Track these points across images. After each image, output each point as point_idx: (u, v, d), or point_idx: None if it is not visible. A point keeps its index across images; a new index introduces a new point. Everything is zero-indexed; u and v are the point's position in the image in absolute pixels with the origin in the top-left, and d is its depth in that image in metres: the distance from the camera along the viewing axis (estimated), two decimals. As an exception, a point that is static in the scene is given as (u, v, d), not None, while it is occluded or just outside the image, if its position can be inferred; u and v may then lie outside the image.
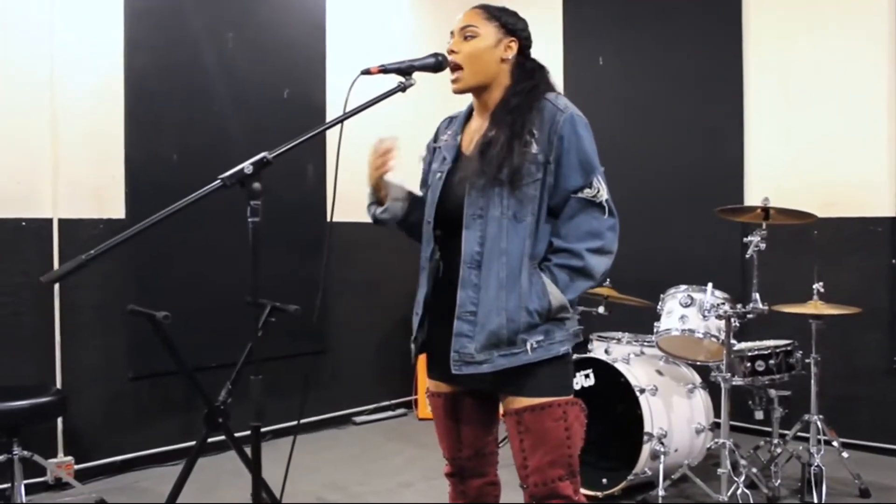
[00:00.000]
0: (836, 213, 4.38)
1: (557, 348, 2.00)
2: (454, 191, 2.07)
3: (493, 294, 1.98)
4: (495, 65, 2.10)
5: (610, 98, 5.34)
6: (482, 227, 2.00)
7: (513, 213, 1.99)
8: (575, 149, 2.00)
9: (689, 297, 3.62)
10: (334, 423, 5.02)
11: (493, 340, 1.97)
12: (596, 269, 2.01)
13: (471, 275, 2.00)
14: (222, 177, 1.68)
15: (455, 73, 2.09)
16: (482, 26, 2.10)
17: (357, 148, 5.30)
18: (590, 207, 2.00)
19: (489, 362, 1.98)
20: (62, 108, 3.83)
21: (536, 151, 2.00)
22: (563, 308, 1.99)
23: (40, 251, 3.75)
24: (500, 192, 1.99)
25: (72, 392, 3.82)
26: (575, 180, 2.00)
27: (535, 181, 2.00)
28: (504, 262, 1.98)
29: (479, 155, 2.03)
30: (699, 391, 3.79)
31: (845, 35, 4.38)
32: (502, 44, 2.10)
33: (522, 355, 1.97)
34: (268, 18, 4.63)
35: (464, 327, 2.00)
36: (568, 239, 2.00)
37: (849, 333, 4.17)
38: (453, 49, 2.10)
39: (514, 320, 1.96)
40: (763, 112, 4.70)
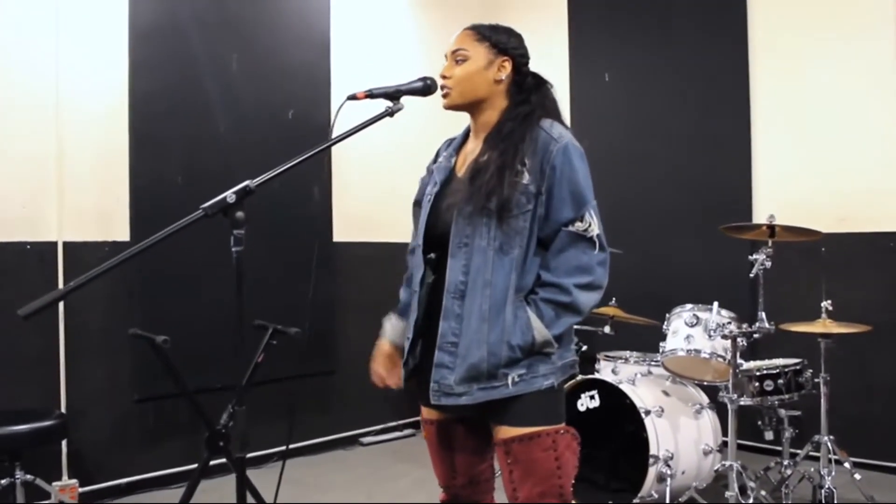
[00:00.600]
0: (847, 229, 4.32)
1: (541, 382, 1.95)
2: (442, 216, 2.04)
3: (475, 326, 1.94)
4: (488, 86, 2.07)
5: (616, 114, 5.32)
6: (467, 256, 1.97)
7: (499, 244, 1.95)
8: (567, 180, 1.96)
9: (695, 317, 3.57)
10: (341, 443, 5.00)
11: (473, 373, 1.94)
12: (584, 304, 1.96)
13: (454, 305, 1.97)
14: (204, 206, 1.68)
15: (443, 90, 2.07)
16: (473, 48, 2.07)
17: (362, 167, 5.32)
18: (580, 241, 1.96)
19: (468, 395, 1.95)
20: (67, 131, 3.86)
21: (528, 182, 1.95)
22: (548, 343, 1.94)
23: (45, 274, 3.76)
24: (487, 223, 1.95)
25: (76, 414, 3.83)
26: (566, 213, 1.95)
27: (526, 212, 1.96)
28: (488, 294, 1.94)
29: (469, 181, 2.00)
30: (707, 412, 3.74)
31: (853, 48, 4.33)
32: (494, 64, 2.07)
33: (503, 389, 1.94)
34: (272, 39, 4.65)
35: (444, 358, 1.98)
36: (556, 273, 1.95)
37: (861, 351, 4.09)
38: (445, 74, 2.08)
39: (496, 354, 1.93)
40: (771, 127, 4.65)
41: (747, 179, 4.69)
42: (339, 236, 4.94)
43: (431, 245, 2.07)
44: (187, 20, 4.25)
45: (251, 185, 1.72)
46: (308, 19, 4.85)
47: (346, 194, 4.99)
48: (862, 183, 4.32)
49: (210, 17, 4.35)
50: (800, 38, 4.54)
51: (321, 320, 4.86)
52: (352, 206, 5.01)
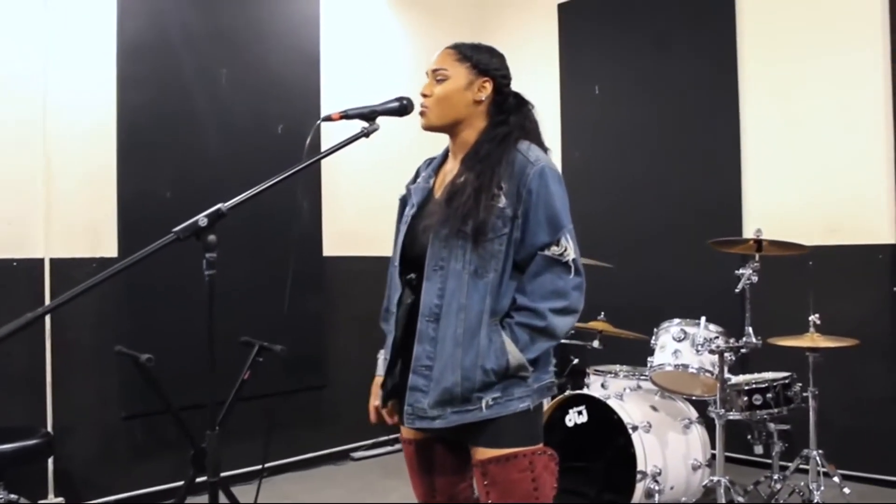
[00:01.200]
0: (837, 241, 4.32)
1: (516, 405, 1.94)
2: (419, 238, 2.03)
3: (449, 350, 1.93)
4: (467, 107, 2.05)
5: (606, 127, 5.32)
6: (442, 279, 1.96)
7: (474, 268, 1.94)
8: (544, 204, 1.95)
9: (683, 332, 3.57)
10: (332, 458, 4.97)
11: (447, 397, 1.93)
12: (559, 329, 1.96)
13: (428, 328, 1.96)
14: (176, 230, 1.67)
15: (422, 110, 2.06)
16: (453, 68, 2.05)
17: (352, 181, 5.31)
18: (555, 266, 1.95)
19: (442, 418, 1.95)
20: (54, 147, 3.85)
21: (504, 205, 1.94)
22: (522, 367, 1.93)
23: (32, 291, 3.75)
24: (462, 245, 1.95)
25: (63, 432, 3.81)
26: (542, 237, 1.95)
27: (501, 235, 1.95)
28: (462, 318, 1.93)
29: (445, 203, 1.99)
30: (695, 426, 3.72)
31: (842, 61, 4.34)
32: (475, 85, 2.06)
33: (476, 412, 1.93)
34: (261, 54, 4.65)
35: (418, 381, 1.97)
36: (532, 297, 1.95)
37: (851, 364, 4.07)
38: (425, 92, 2.07)
39: (470, 378, 1.92)
40: (760, 140, 4.65)
41: (737, 193, 4.69)
42: (329, 251, 4.93)
43: (408, 266, 2.07)
44: (175, 35, 4.25)
45: (223, 209, 1.71)
46: (297, 34, 4.86)
47: (337, 209, 4.99)
48: (851, 195, 4.32)
49: (198, 31, 4.35)
50: (788, 53, 4.55)
51: (311, 335, 4.85)
52: (342, 220, 5.00)
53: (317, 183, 4.89)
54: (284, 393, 4.60)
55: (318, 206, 4.91)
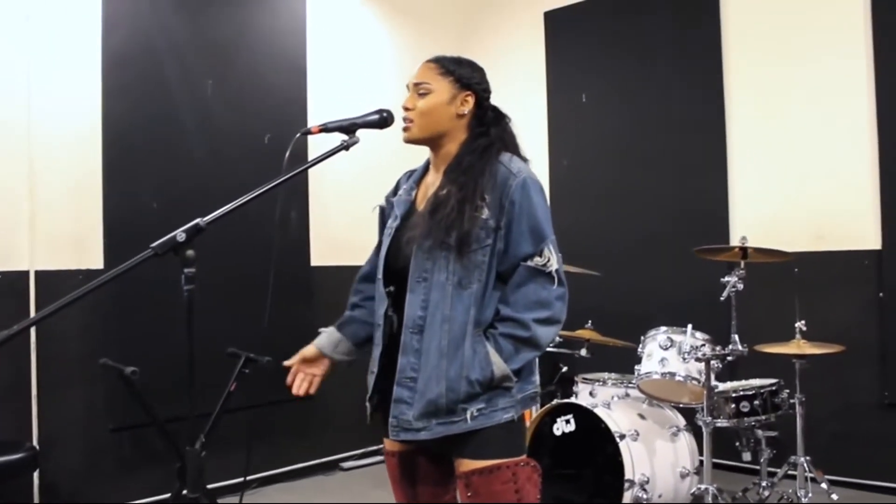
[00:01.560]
0: (823, 247, 4.34)
1: (500, 415, 1.95)
2: (402, 250, 2.03)
3: (433, 362, 1.94)
4: (450, 120, 2.07)
5: (593, 135, 5.33)
6: (426, 291, 1.97)
7: (458, 279, 1.95)
8: (526, 215, 1.97)
9: (669, 340, 3.57)
10: (321, 469, 4.95)
11: (432, 409, 1.93)
12: (542, 339, 1.97)
13: (412, 340, 1.97)
14: (154, 245, 1.67)
15: (405, 124, 2.07)
16: (436, 82, 2.07)
17: (339, 190, 5.29)
18: (539, 276, 1.96)
19: (427, 430, 1.95)
20: (39, 158, 3.83)
21: (487, 216, 1.96)
22: (507, 378, 1.94)
23: (17, 304, 3.73)
24: (446, 257, 1.95)
25: (49, 445, 3.79)
26: (525, 247, 1.96)
27: (485, 247, 1.96)
28: (447, 329, 1.94)
29: (429, 215, 1.99)
30: (683, 434, 3.72)
31: (827, 68, 4.36)
32: (457, 99, 2.07)
33: (462, 423, 1.93)
34: (247, 64, 4.64)
35: (403, 393, 1.97)
36: (515, 308, 1.96)
37: (838, 370, 4.09)
38: (407, 106, 2.08)
39: (455, 390, 1.92)
40: (746, 147, 4.67)
41: (723, 200, 4.70)
42: (317, 260, 4.92)
43: (391, 279, 2.07)
44: (161, 46, 4.24)
45: (202, 223, 1.71)
46: (284, 44, 4.85)
47: (324, 218, 4.98)
48: (837, 201, 4.34)
49: (184, 41, 4.34)
50: (773, 61, 4.57)
51: (300, 345, 4.81)
52: (330, 230, 5.00)
53: (304, 193, 4.88)
54: (273, 403, 4.58)
55: (306, 215, 4.90)
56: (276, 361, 3.31)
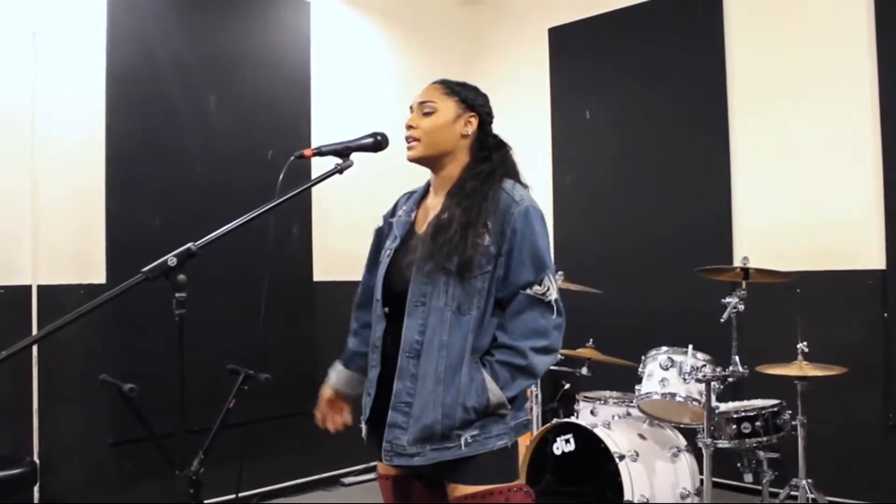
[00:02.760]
0: (827, 266, 4.31)
1: (494, 442, 1.95)
2: (402, 273, 2.04)
3: (430, 387, 1.94)
4: (454, 140, 2.08)
5: (597, 152, 5.33)
6: (424, 316, 1.97)
7: (457, 305, 1.95)
8: (528, 243, 1.97)
9: (670, 360, 3.56)
10: (322, 484, 4.95)
11: (427, 434, 1.93)
12: (539, 367, 1.97)
13: (409, 364, 1.97)
14: (145, 270, 1.67)
15: (411, 143, 2.08)
16: (441, 102, 2.08)
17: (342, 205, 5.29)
18: (538, 305, 1.97)
19: (421, 455, 1.95)
20: (42, 172, 3.85)
21: (488, 243, 1.96)
22: (502, 405, 1.94)
23: (19, 318, 3.75)
24: (446, 281, 1.96)
25: (50, 460, 3.80)
26: (525, 276, 1.97)
27: (485, 273, 1.96)
28: (444, 355, 1.94)
29: (431, 238, 2.00)
30: (684, 454, 3.70)
31: (831, 88, 4.34)
32: (462, 119, 2.09)
33: (455, 450, 1.93)
34: (251, 79, 4.66)
35: (398, 418, 1.97)
36: (513, 336, 1.96)
37: (841, 391, 4.06)
38: (411, 124, 2.09)
39: (450, 416, 1.92)
40: (750, 166, 4.65)
41: (727, 219, 4.68)
42: (319, 276, 4.93)
43: (389, 301, 2.07)
44: (165, 61, 4.26)
45: (193, 248, 1.72)
46: (288, 59, 4.87)
47: (326, 234, 4.99)
48: (841, 221, 4.31)
49: (188, 57, 4.36)
50: (778, 79, 4.55)
51: (302, 360, 4.83)
52: (332, 244, 5.00)
53: (307, 208, 4.90)
54: (274, 419, 4.59)
55: (308, 230, 4.91)
56: (276, 377, 3.34)
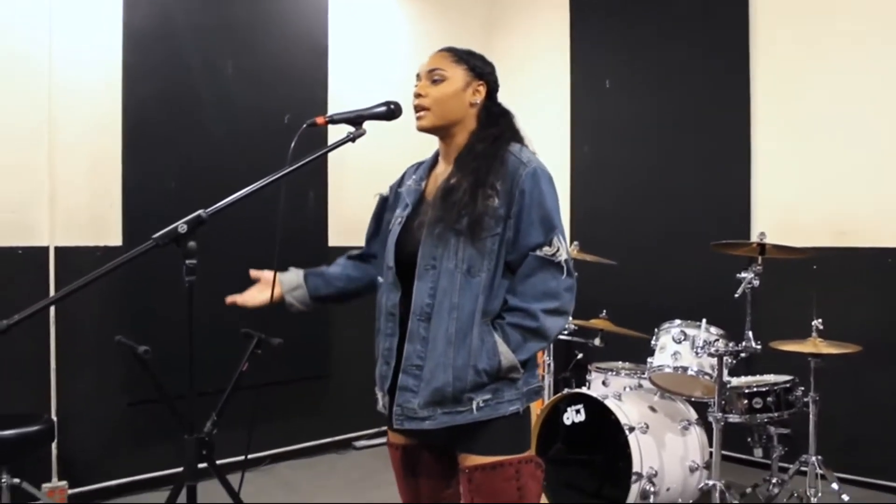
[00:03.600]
0: (846, 243, 4.26)
1: (506, 408, 1.94)
2: (412, 236, 2.03)
3: (440, 349, 1.93)
4: (463, 109, 2.06)
5: (616, 122, 5.27)
6: (434, 279, 1.96)
7: (467, 266, 1.94)
8: (536, 204, 1.95)
9: (683, 333, 3.54)
10: (334, 447, 5.01)
11: (438, 398, 1.93)
12: (550, 330, 1.96)
13: (419, 327, 1.96)
14: (155, 236, 1.68)
15: (420, 112, 2.05)
16: (450, 69, 2.06)
17: (357, 171, 5.26)
18: (548, 266, 1.95)
19: (431, 419, 1.94)
20: (60, 136, 3.87)
21: (497, 205, 1.95)
22: (514, 368, 1.93)
23: (37, 279, 3.79)
24: (456, 243, 1.95)
25: (68, 418, 3.87)
26: (534, 237, 1.95)
27: (494, 235, 1.95)
28: (455, 317, 1.93)
29: (440, 200, 1.99)
30: (694, 428, 3.70)
31: (857, 61, 4.24)
32: (471, 87, 2.07)
33: (467, 414, 1.93)
34: (268, 44, 4.64)
35: (408, 381, 1.96)
36: (524, 298, 1.95)
37: (855, 369, 4.03)
38: (420, 92, 2.06)
39: (461, 378, 1.92)
40: (771, 140, 4.58)
41: (746, 193, 4.62)
42: (334, 241, 4.94)
43: (401, 266, 2.06)
44: (182, 24, 4.25)
45: (203, 215, 1.72)
46: (305, 23, 4.84)
47: (342, 199, 4.99)
48: (862, 197, 4.24)
49: (205, 21, 4.35)
50: (802, 52, 4.46)
51: (316, 325, 4.87)
52: (348, 210, 5.00)
53: (323, 174, 4.90)
54: (288, 382, 4.64)
55: (324, 196, 4.91)
56: (290, 341, 3.36)
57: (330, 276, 2.27)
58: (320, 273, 2.27)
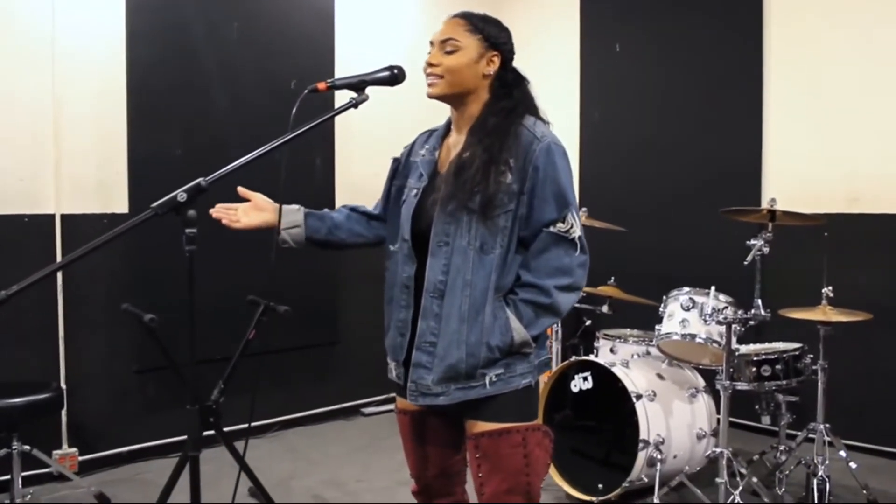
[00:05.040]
0: (858, 209, 4.20)
1: (518, 381, 1.95)
2: (427, 211, 2.00)
3: (454, 326, 1.93)
4: (476, 80, 2.02)
5: (625, 87, 5.20)
6: (447, 255, 1.94)
7: (480, 243, 1.93)
8: (551, 180, 1.93)
9: (692, 300, 3.51)
10: (343, 413, 5.04)
11: (451, 374, 1.93)
12: (563, 306, 1.95)
13: (433, 304, 1.95)
14: (154, 205, 1.66)
15: (431, 79, 2.01)
16: (464, 39, 2.01)
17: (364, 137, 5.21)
18: (561, 242, 1.94)
19: (445, 395, 1.95)
20: (64, 104, 3.84)
21: (511, 181, 1.92)
22: (526, 344, 1.94)
23: (43, 247, 3.79)
24: (468, 220, 1.93)
25: (76, 385, 3.90)
26: (549, 213, 1.93)
27: (507, 212, 1.93)
28: (468, 294, 1.92)
29: (453, 177, 1.96)
30: (702, 395, 3.69)
31: (870, 28, 4.15)
32: (485, 58, 2.02)
33: (480, 389, 1.94)
34: (274, 7, 4.58)
35: (422, 358, 1.97)
36: (537, 274, 1.94)
37: (865, 337, 3.99)
38: (432, 62, 2.02)
39: (475, 355, 1.92)
40: (783, 105, 4.50)
41: (757, 159, 4.56)
42: (342, 206, 4.91)
43: (415, 239, 2.04)
44: (186, -11, 4.19)
45: (203, 183, 1.69)
46: (311, -14, 4.76)
47: (350, 164, 4.96)
48: (874, 164, 4.19)
49: (210, -16, 4.28)
50: (817, 14, 4.37)
51: (324, 291, 4.87)
52: (355, 176, 4.97)
53: (330, 140, 4.86)
54: (296, 349, 4.65)
55: (332, 163, 4.88)
56: (297, 308, 3.35)
57: (332, 224, 2.23)
58: (321, 216, 2.23)
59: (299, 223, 2.19)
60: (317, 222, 2.22)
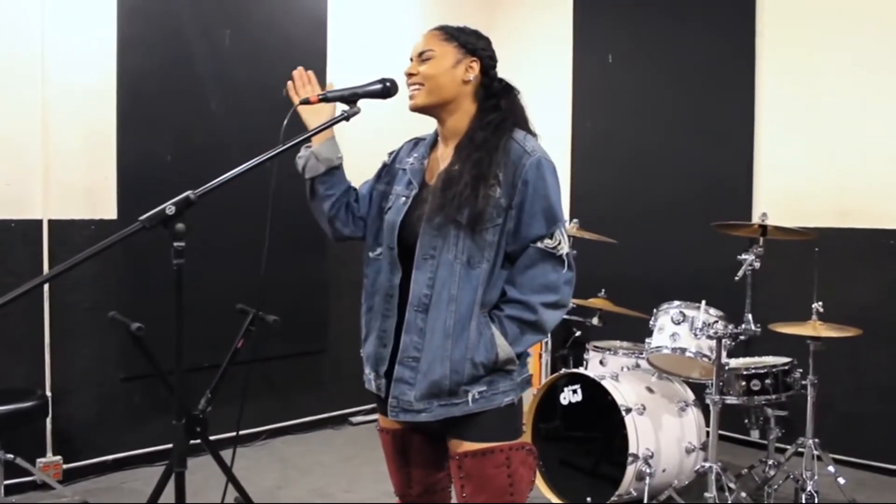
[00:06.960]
0: (848, 224, 4.21)
1: (501, 399, 1.93)
2: (413, 223, 1.97)
3: (438, 342, 1.90)
4: (455, 87, 2.00)
5: (618, 97, 5.20)
6: (433, 269, 1.92)
7: (467, 258, 1.90)
8: (540, 196, 1.91)
9: (682, 314, 3.51)
10: (331, 422, 5.00)
11: (434, 390, 1.90)
12: (548, 324, 1.93)
13: (416, 318, 1.92)
14: (142, 218, 1.63)
15: (412, 89, 2.00)
16: (439, 47, 2.00)
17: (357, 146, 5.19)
18: (549, 259, 1.92)
19: (428, 411, 1.92)
20: (53, 108, 3.81)
21: (499, 195, 1.90)
22: (510, 361, 1.91)
23: (30, 252, 3.75)
24: (456, 234, 1.90)
25: (62, 393, 3.86)
26: (537, 229, 1.91)
27: (495, 226, 1.91)
28: (453, 309, 1.90)
29: (440, 191, 1.93)
30: (691, 409, 3.68)
31: (862, 43, 4.17)
32: (462, 64, 2.00)
33: (463, 406, 1.91)
34: (266, 14, 4.56)
35: (405, 373, 1.93)
36: (522, 290, 1.91)
37: (854, 352, 4.00)
38: (411, 72, 2.01)
39: (458, 371, 1.89)
40: (775, 119, 4.51)
41: (748, 172, 4.57)
42: (333, 215, 4.89)
43: (401, 248, 2.01)
44: (178, -6, 4.17)
45: (192, 197, 1.67)
46: (304, -6, 4.75)
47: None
48: (865, 178, 4.20)
49: (202, -10, 4.26)
50: (807, 32, 4.39)
51: (313, 299, 4.84)
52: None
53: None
54: (285, 357, 4.62)
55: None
56: (286, 316, 3.33)
57: (345, 192, 2.19)
58: (347, 184, 2.21)
59: (333, 161, 2.15)
60: (340, 180, 2.18)
